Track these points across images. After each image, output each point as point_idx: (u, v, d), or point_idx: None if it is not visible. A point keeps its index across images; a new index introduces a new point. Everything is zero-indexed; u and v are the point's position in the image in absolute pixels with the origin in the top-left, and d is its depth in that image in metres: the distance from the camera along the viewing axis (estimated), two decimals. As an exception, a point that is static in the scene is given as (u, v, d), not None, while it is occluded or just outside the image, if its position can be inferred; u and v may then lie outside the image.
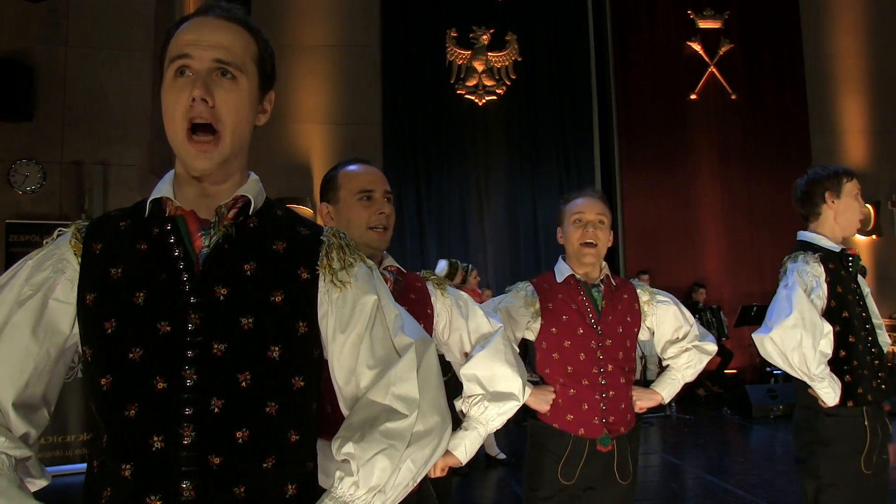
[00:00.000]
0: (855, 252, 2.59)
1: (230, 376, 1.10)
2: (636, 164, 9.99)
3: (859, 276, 2.66)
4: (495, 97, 9.85)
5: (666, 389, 2.51)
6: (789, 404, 7.39)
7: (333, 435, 1.17)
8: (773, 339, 2.33)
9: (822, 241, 2.57)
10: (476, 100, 9.82)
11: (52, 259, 1.17)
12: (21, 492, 1.07)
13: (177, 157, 1.18)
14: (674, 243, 9.93)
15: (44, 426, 1.16)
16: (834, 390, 2.36)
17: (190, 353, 1.09)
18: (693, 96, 10.19)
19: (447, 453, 1.90)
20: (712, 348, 2.50)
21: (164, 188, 1.19)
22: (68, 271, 1.17)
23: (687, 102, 10.18)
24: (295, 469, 1.15)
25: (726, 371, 9.16)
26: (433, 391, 1.18)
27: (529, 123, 9.89)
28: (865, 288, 2.64)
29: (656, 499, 4.95)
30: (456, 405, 1.95)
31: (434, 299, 1.92)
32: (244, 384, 1.10)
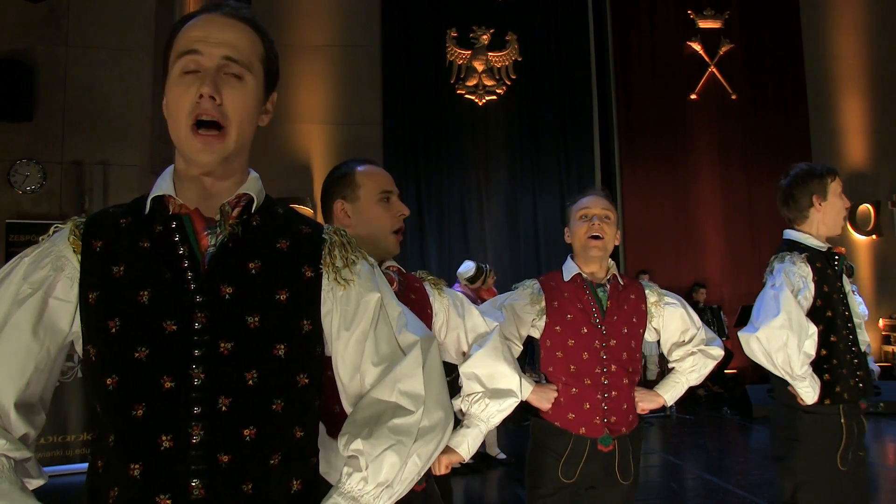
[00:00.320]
0: (840, 251, 2.61)
1: (237, 375, 1.10)
2: (636, 164, 9.99)
3: (844, 275, 2.69)
4: (495, 97, 9.85)
5: (669, 392, 2.51)
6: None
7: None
8: (760, 339, 2.36)
9: (810, 241, 2.58)
10: (476, 100, 9.83)
11: (51, 256, 1.15)
12: (23, 493, 1.07)
13: (178, 153, 1.17)
14: (674, 243, 9.93)
15: (41, 426, 1.16)
16: (814, 389, 2.40)
17: (197, 353, 1.09)
18: (693, 96, 10.19)
19: (451, 451, 1.91)
20: (718, 353, 2.48)
21: (165, 185, 1.17)
22: (67, 269, 1.14)
23: (687, 102, 10.18)
24: (299, 465, 1.16)
25: (726, 371, 9.16)
26: (437, 387, 1.20)
27: (529, 123, 9.89)
28: (848, 286, 2.66)
29: (656, 499, 4.95)
30: (454, 404, 1.96)
31: (432, 299, 1.94)
32: (251, 382, 1.10)
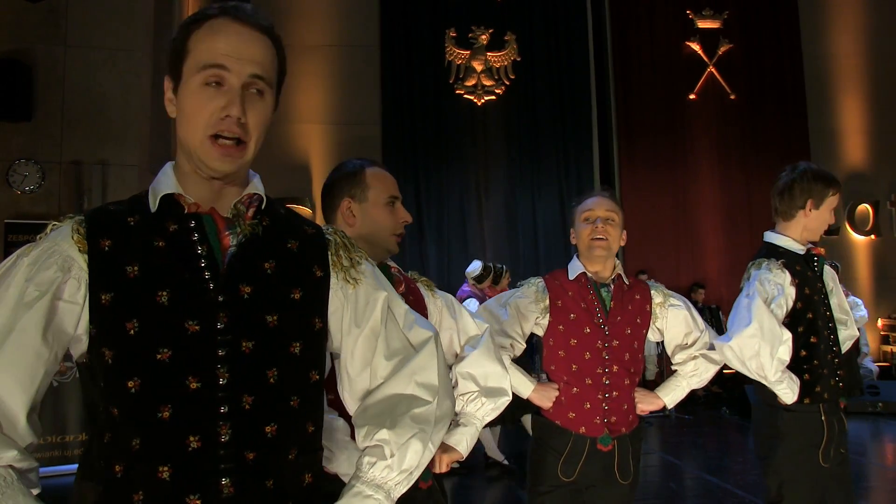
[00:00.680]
0: (820, 252, 2.63)
1: (259, 373, 1.12)
2: (635, 164, 10.00)
3: (830, 273, 2.71)
4: (494, 97, 9.85)
5: (669, 395, 2.52)
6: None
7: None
8: (732, 348, 2.39)
9: (789, 244, 2.60)
10: (475, 100, 9.83)
11: (56, 257, 1.10)
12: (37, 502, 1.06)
13: (185, 154, 1.16)
14: (673, 243, 9.93)
15: (40, 432, 1.14)
16: (792, 390, 2.42)
17: (221, 352, 1.10)
18: (692, 96, 10.19)
19: (450, 448, 1.94)
20: (720, 358, 2.48)
21: (171, 183, 1.16)
22: (74, 269, 1.11)
23: (686, 102, 10.18)
24: (311, 458, 1.19)
25: (725, 371, 9.13)
26: (446, 379, 1.26)
27: (528, 123, 9.89)
28: (830, 283, 2.68)
29: (655, 499, 4.95)
30: None
31: (426, 300, 1.96)
32: (272, 380, 1.13)
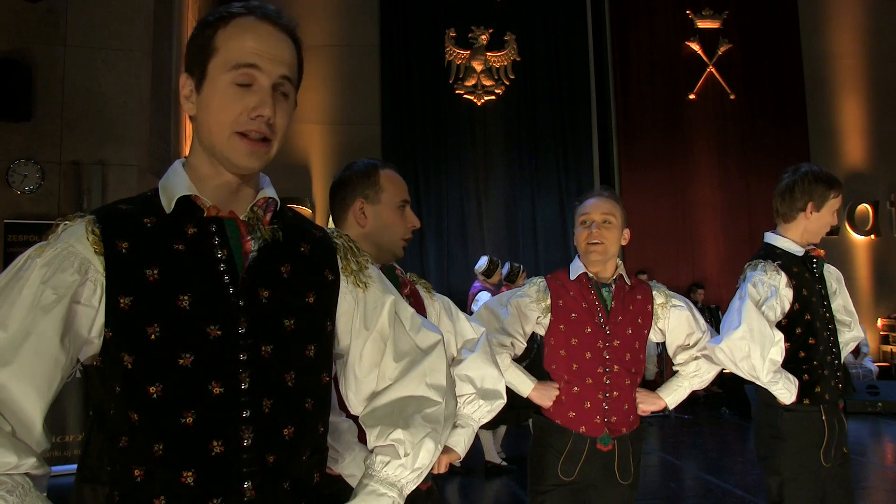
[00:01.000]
0: (819, 254, 2.63)
1: (278, 377, 1.13)
2: (635, 164, 10.00)
3: (835, 275, 2.72)
4: (494, 97, 9.85)
5: (671, 396, 2.52)
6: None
7: None
8: (723, 350, 2.39)
9: (788, 245, 2.60)
10: (475, 100, 9.83)
11: (72, 259, 1.07)
12: None
13: (206, 153, 1.15)
14: (672, 243, 9.94)
15: (51, 438, 1.12)
16: (789, 390, 2.43)
17: (243, 357, 1.10)
18: (692, 96, 10.20)
19: (449, 449, 1.95)
20: (717, 361, 2.48)
21: (185, 185, 1.15)
22: (90, 272, 1.08)
23: (685, 102, 10.19)
24: (320, 459, 1.22)
25: (725, 371, 9.12)
26: (451, 380, 1.31)
27: (528, 123, 9.90)
28: (834, 285, 2.69)
29: (655, 499, 4.95)
30: None
31: (425, 303, 1.97)
32: (290, 383, 1.14)
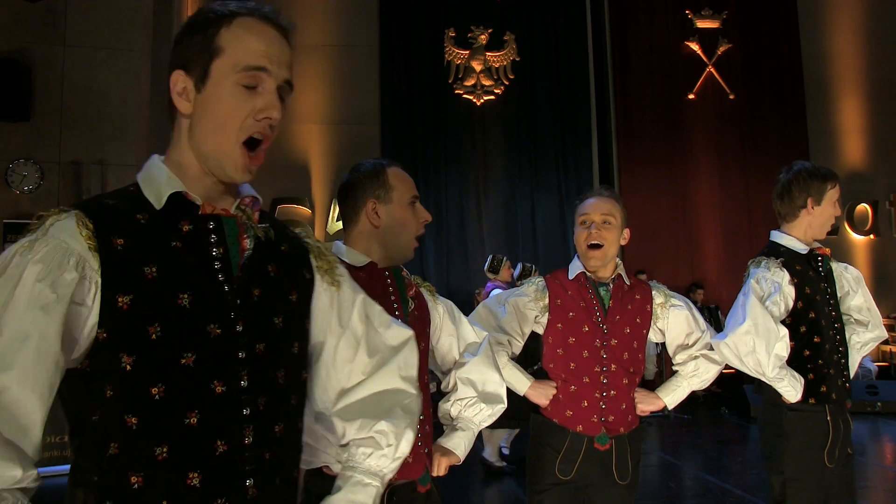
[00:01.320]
0: (825, 252, 2.62)
1: (271, 374, 1.15)
2: (634, 164, 10.01)
3: (854, 274, 2.70)
4: (493, 97, 9.85)
5: (669, 396, 2.51)
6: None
7: None
8: (728, 345, 2.39)
9: (792, 243, 2.60)
10: (474, 99, 9.83)
11: (69, 255, 1.02)
12: None
13: (195, 153, 1.14)
14: (672, 243, 9.94)
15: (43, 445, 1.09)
16: (794, 388, 2.42)
17: (241, 355, 1.11)
18: (691, 96, 10.20)
19: (449, 452, 1.94)
20: (721, 357, 2.47)
21: (174, 181, 1.13)
22: (86, 269, 1.03)
23: (685, 102, 10.19)
24: (299, 455, 1.23)
25: (725, 371, 9.11)
26: (418, 371, 1.38)
27: (527, 123, 9.90)
28: (846, 285, 2.68)
29: (654, 498, 4.95)
30: (444, 408, 2.00)
31: (429, 305, 1.97)
32: (280, 381, 1.16)
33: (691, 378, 2.50)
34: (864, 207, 10.20)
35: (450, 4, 9.80)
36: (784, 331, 2.37)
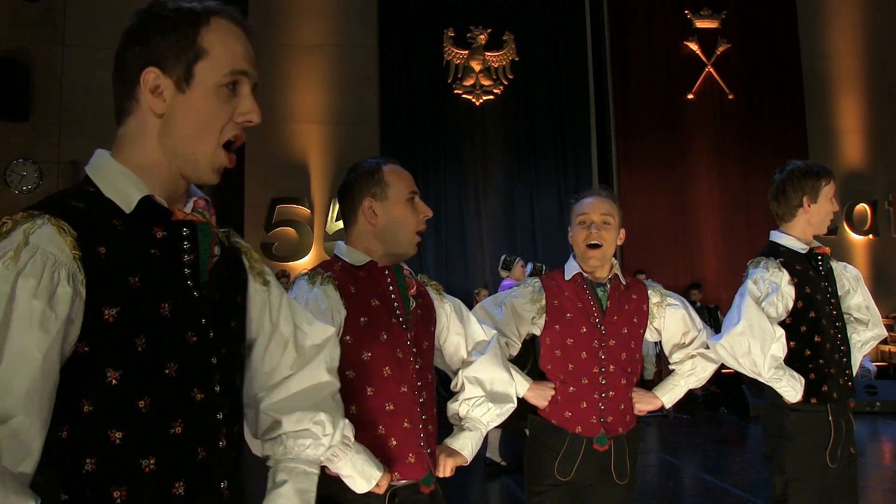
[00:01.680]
0: (824, 251, 2.62)
1: (232, 377, 1.18)
2: (633, 164, 10.01)
3: (853, 272, 2.70)
4: (492, 97, 9.85)
5: (667, 395, 2.50)
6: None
7: None
8: (724, 346, 2.39)
9: (791, 243, 2.59)
10: (473, 99, 9.83)
11: (59, 267, 0.96)
12: None
13: (163, 153, 1.11)
14: (671, 243, 9.94)
15: None
16: (794, 388, 2.41)
17: (214, 360, 1.12)
18: (690, 96, 10.20)
19: (455, 453, 1.90)
20: (718, 358, 2.47)
21: (138, 183, 1.09)
22: (75, 282, 0.97)
23: (684, 102, 10.19)
24: (241, 451, 1.25)
25: (723, 371, 9.15)
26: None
27: (527, 123, 9.90)
28: (846, 283, 2.67)
29: (653, 498, 4.95)
30: (452, 408, 1.98)
31: (435, 304, 1.96)
32: (238, 382, 1.21)
33: (688, 377, 2.49)
34: (863, 207, 10.20)
35: (449, 4, 9.80)
36: (780, 331, 2.37)
